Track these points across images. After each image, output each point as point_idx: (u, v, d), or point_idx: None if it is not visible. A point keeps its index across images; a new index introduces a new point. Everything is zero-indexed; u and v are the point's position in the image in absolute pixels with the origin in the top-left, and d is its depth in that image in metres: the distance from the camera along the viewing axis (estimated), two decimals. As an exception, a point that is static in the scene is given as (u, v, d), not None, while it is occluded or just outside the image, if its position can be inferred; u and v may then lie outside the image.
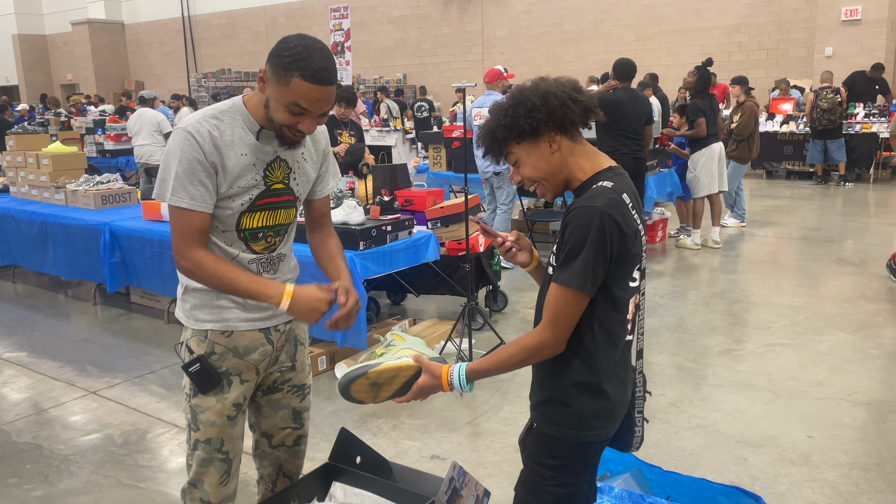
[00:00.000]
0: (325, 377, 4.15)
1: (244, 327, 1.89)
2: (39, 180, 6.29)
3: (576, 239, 1.53)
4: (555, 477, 1.67)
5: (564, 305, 1.56)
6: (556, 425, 1.65)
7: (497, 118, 1.65)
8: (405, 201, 4.86)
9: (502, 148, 1.66)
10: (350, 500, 2.08)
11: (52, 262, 5.79)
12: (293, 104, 1.69)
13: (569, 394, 1.63)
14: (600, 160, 1.67)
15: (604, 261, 1.53)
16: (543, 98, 1.60)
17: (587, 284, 1.53)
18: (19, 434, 3.57)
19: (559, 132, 1.62)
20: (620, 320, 1.64)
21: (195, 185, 1.75)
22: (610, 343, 1.63)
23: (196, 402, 1.89)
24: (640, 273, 1.66)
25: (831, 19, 12.95)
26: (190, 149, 1.73)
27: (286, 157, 1.88)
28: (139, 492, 3.01)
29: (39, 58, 26.77)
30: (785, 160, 11.81)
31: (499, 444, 3.30)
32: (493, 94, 6.51)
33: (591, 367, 1.61)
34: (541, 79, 1.67)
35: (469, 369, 1.66)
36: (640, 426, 1.77)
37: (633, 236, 1.57)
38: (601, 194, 1.55)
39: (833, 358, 4.20)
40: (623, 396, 1.69)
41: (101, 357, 4.60)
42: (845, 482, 2.90)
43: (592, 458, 1.71)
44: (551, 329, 1.58)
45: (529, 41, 17.23)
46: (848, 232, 7.64)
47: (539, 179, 1.67)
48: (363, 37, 19.54)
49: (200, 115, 1.79)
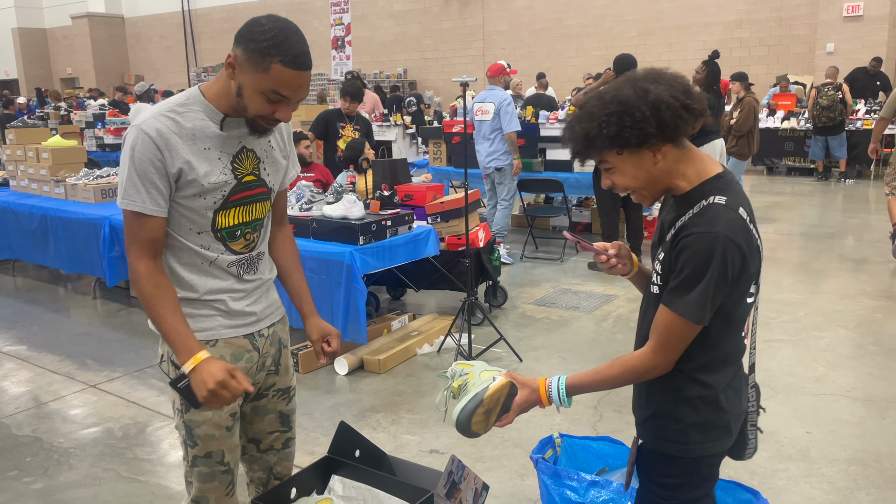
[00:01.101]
0: (324, 372, 4.16)
1: (229, 335, 1.80)
2: (39, 174, 6.28)
3: (694, 267, 1.43)
4: (674, 495, 1.61)
5: (677, 333, 1.48)
6: (669, 442, 1.59)
7: (597, 124, 1.47)
8: (405, 196, 4.86)
9: (597, 155, 1.53)
10: (349, 493, 2.08)
11: (53, 256, 5.79)
12: (272, 92, 1.59)
13: (678, 408, 1.56)
14: (706, 167, 1.53)
15: (724, 288, 1.45)
16: (654, 108, 1.44)
17: (704, 316, 1.46)
18: (19, 427, 3.57)
19: (666, 143, 1.49)
20: (735, 336, 1.56)
21: (148, 187, 1.63)
22: (723, 360, 1.55)
23: (190, 418, 1.79)
24: (755, 287, 1.55)
25: (833, 15, 12.92)
26: (142, 148, 1.61)
27: (252, 146, 1.76)
28: (139, 485, 3.01)
29: (39, 51, 26.71)
30: (785, 156, 11.81)
31: (498, 438, 3.31)
32: (495, 88, 6.50)
33: (703, 383, 1.55)
34: (648, 79, 1.49)
35: (568, 384, 1.60)
36: (753, 438, 1.70)
37: (754, 254, 1.48)
38: (719, 216, 1.43)
39: (832, 354, 4.20)
40: (738, 408, 1.61)
41: (101, 351, 4.61)
42: (843, 478, 2.91)
43: (710, 469, 1.63)
44: (662, 354, 1.51)
45: (530, 36, 17.20)
46: (848, 229, 7.63)
47: (636, 189, 1.55)
48: (363, 31, 19.50)
49: (156, 111, 1.66)
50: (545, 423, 3.43)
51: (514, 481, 2.95)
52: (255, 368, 1.87)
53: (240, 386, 1.62)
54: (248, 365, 1.85)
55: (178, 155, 1.64)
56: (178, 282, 1.76)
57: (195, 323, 1.76)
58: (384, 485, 2.05)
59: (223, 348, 1.80)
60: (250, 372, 1.86)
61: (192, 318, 1.76)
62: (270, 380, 1.95)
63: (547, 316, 5.05)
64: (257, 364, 1.88)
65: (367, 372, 4.15)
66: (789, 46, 14.09)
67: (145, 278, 1.67)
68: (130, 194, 1.64)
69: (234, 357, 1.81)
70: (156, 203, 1.65)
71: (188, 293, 1.77)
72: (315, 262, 4.08)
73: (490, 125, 6.40)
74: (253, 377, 1.88)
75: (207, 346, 1.77)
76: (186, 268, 1.76)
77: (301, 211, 4.44)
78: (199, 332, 1.76)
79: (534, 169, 7.11)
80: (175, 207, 1.70)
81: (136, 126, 1.64)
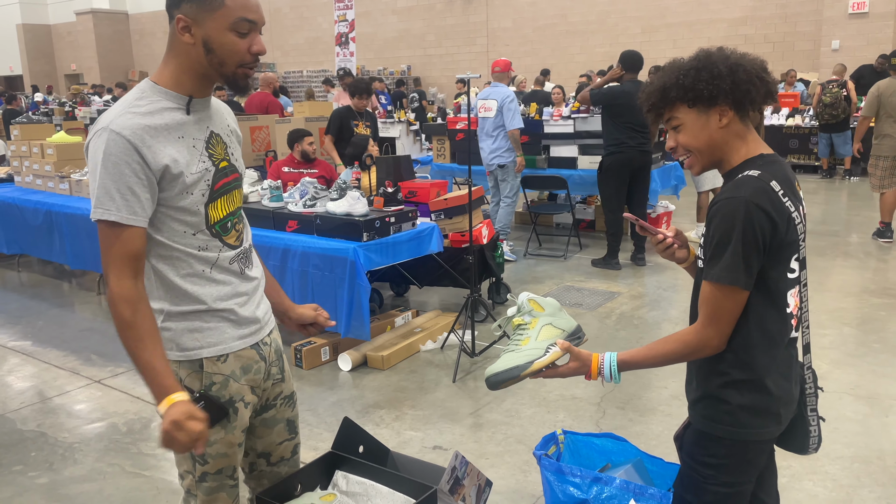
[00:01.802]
0: (329, 368, 4.17)
1: (238, 346, 1.72)
2: (44, 170, 6.30)
3: (722, 232, 1.48)
4: (715, 476, 1.62)
5: (721, 301, 1.50)
6: (714, 422, 1.60)
7: (675, 76, 1.56)
8: (409, 193, 4.86)
9: (670, 107, 1.59)
10: (353, 488, 2.08)
11: (59, 252, 5.81)
12: (240, 20, 1.54)
13: (725, 390, 1.57)
14: (757, 146, 1.59)
15: (756, 252, 1.47)
16: (732, 69, 1.52)
17: (740, 277, 1.48)
18: (24, 422, 3.59)
19: (734, 108, 1.54)
20: (779, 315, 1.56)
21: (124, 193, 1.50)
22: (768, 339, 1.55)
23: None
24: (798, 263, 1.56)
25: (838, 12, 12.87)
26: (116, 150, 1.49)
27: (218, 130, 1.69)
28: (143, 479, 3.03)
29: (43, 47, 26.76)
30: (790, 154, 11.78)
31: (501, 435, 3.32)
32: (499, 85, 6.48)
33: (747, 364, 1.55)
34: (730, 50, 1.58)
35: (620, 360, 1.62)
36: (815, 425, 1.68)
37: (786, 223, 1.50)
38: (746, 184, 1.49)
39: (836, 352, 4.20)
40: (788, 394, 1.60)
41: (106, 346, 4.62)
42: (846, 475, 2.91)
43: (755, 456, 1.63)
44: (713, 327, 1.52)
45: (534, 33, 17.17)
46: (852, 226, 7.62)
47: (695, 150, 1.59)
48: (367, 28, 19.49)
49: (121, 109, 1.54)
50: (548, 420, 3.44)
51: (517, 477, 2.96)
52: (262, 379, 1.81)
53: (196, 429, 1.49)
54: (257, 376, 1.79)
55: (159, 150, 1.54)
56: (182, 296, 1.65)
57: (205, 337, 1.68)
58: (388, 480, 2.06)
59: (233, 362, 1.73)
60: (258, 382, 1.80)
61: (202, 331, 1.68)
62: (277, 388, 1.89)
63: (550, 313, 5.04)
64: (264, 374, 1.82)
65: (370, 368, 4.15)
66: (794, 43, 14.05)
67: (124, 303, 1.52)
68: (103, 202, 1.50)
69: (244, 369, 1.75)
70: (132, 211, 1.51)
71: (196, 306, 1.67)
72: (319, 259, 4.09)
73: (493, 122, 6.40)
74: (260, 388, 1.82)
75: (218, 362, 1.70)
76: (188, 279, 1.66)
77: (305, 207, 4.44)
78: (209, 348, 1.69)
79: (537, 166, 7.11)
80: (165, 213, 1.59)
81: (103, 129, 1.51)
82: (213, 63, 1.57)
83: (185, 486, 1.81)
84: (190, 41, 1.56)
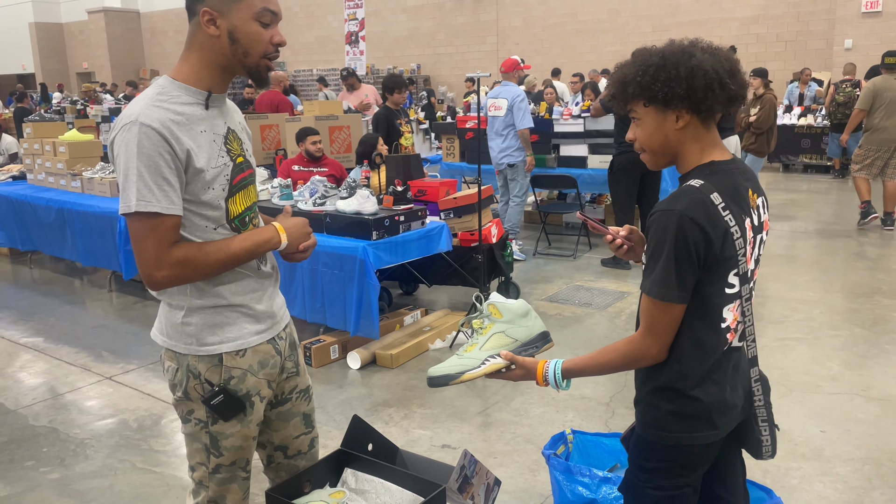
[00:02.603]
0: (338, 366, 4.18)
1: (256, 341, 1.76)
2: (56, 168, 6.35)
3: (655, 245, 1.46)
4: (651, 479, 1.62)
5: (656, 314, 1.49)
6: (647, 427, 1.61)
7: (636, 71, 1.52)
8: (418, 191, 4.86)
9: (628, 102, 1.57)
10: (362, 486, 2.09)
11: (71, 249, 5.86)
12: (264, 10, 1.60)
13: (654, 396, 1.59)
14: (711, 152, 1.54)
15: (690, 266, 1.45)
16: (690, 73, 1.46)
17: (672, 293, 1.46)
18: (36, 418, 3.62)
19: (692, 112, 1.50)
20: (713, 329, 1.53)
21: (161, 184, 1.53)
22: (699, 350, 1.53)
23: (217, 430, 1.75)
24: (739, 278, 1.52)
25: (851, 11, 12.78)
26: (149, 143, 1.51)
27: (234, 127, 1.73)
28: (153, 476, 3.04)
29: (56, 46, 26.94)
30: (802, 153, 11.70)
31: (509, 434, 3.31)
32: (508, 84, 6.48)
33: (677, 372, 1.54)
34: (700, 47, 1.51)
35: (564, 367, 1.62)
36: (767, 434, 1.65)
37: (722, 239, 1.46)
38: (683, 195, 1.46)
39: (847, 353, 4.17)
40: (722, 402, 1.57)
41: (117, 343, 4.65)
42: (857, 477, 2.89)
43: (691, 461, 1.61)
44: (651, 336, 1.52)
45: (544, 31, 17.13)
46: (865, 227, 7.56)
47: (648, 148, 1.57)
48: (377, 27, 19.50)
49: (145, 103, 1.57)
50: (557, 420, 3.43)
51: (526, 476, 2.96)
52: (277, 373, 1.85)
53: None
54: (273, 370, 1.82)
55: (182, 140, 1.57)
56: (203, 290, 1.69)
57: (224, 332, 1.72)
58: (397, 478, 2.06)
59: (251, 357, 1.76)
60: (274, 376, 1.84)
61: (221, 327, 1.71)
62: (292, 382, 1.93)
63: (559, 312, 5.04)
64: (279, 368, 1.86)
65: (379, 367, 4.16)
66: (807, 42, 13.96)
67: (189, 250, 1.58)
68: (144, 195, 1.52)
69: (262, 364, 1.78)
70: (170, 200, 1.55)
71: (216, 300, 1.70)
72: (328, 257, 4.10)
73: (503, 121, 6.38)
74: (276, 382, 1.86)
75: (237, 356, 1.74)
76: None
77: (314, 206, 4.45)
78: (228, 343, 1.72)
79: (547, 165, 7.09)
80: (188, 208, 1.62)
81: (132, 122, 1.53)
82: (238, 53, 1.62)
83: (195, 478, 1.83)
84: (215, 33, 1.60)
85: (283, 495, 1.96)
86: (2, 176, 7.10)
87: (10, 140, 8.64)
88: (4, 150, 8.45)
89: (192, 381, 1.72)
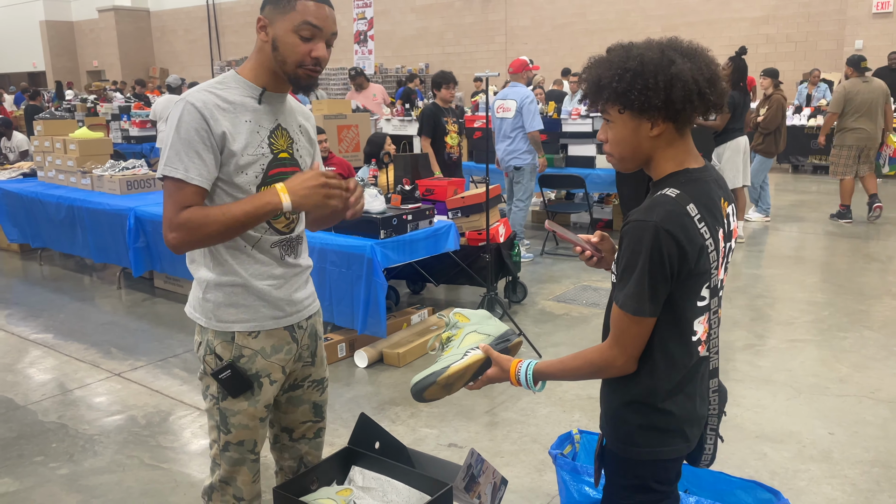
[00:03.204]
0: (345, 364, 4.19)
1: (271, 325, 1.84)
2: (66, 165, 6.38)
3: (629, 257, 1.42)
4: (630, 495, 1.60)
5: (627, 327, 1.46)
6: (620, 443, 1.58)
7: (612, 75, 1.45)
8: (426, 191, 4.86)
9: (602, 106, 1.51)
10: (369, 483, 2.10)
11: (81, 246, 5.89)
12: (304, 25, 1.68)
13: (624, 410, 1.55)
14: (686, 159, 1.50)
15: (664, 279, 1.41)
16: (669, 82, 1.40)
17: (644, 307, 1.42)
18: (45, 414, 3.64)
19: (668, 121, 1.45)
20: (683, 341, 1.50)
21: (191, 156, 1.67)
22: (670, 363, 1.50)
23: (226, 406, 1.84)
24: (710, 290, 1.49)
25: (862, 11, 12.71)
26: (189, 118, 1.67)
27: (287, 125, 1.84)
28: (162, 472, 3.06)
29: (66, 44, 27.09)
30: (811, 154, 11.64)
31: (516, 433, 3.31)
32: (517, 85, 6.41)
33: (648, 387, 1.51)
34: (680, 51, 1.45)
35: (536, 369, 1.60)
36: (711, 443, 1.64)
37: (698, 253, 1.42)
38: (659, 206, 1.41)
39: (856, 355, 4.15)
40: (692, 414, 1.56)
41: (125, 340, 4.68)
42: (866, 480, 2.87)
43: (664, 474, 1.60)
44: (618, 348, 1.48)
45: (553, 31, 17.11)
46: (874, 228, 7.52)
47: (617, 154, 1.53)
48: (385, 26, 19.52)
49: (201, 87, 1.75)
50: (564, 420, 3.43)
51: (532, 476, 2.96)
52: (292, 360, 1.93)
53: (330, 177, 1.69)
54: (287, 356, 1.90)
55: (220, 123, 1.70)
56: (224, 266, 1.79)
57: (239, 313, 1.81)
58: (404, 477, 2.07)
59: (264, 339, 1.84)
60: (288, 363, 1.91)
61: (237, 307, 1.80)
62: (306, 371, 2.00)
63: (567, 312, 5.03)
64: (295, 356, 1.93)
65: (386, 365, 4.17)
66: (817, 43, 13.88)
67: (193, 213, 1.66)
68: (172, 162, 1.67)
69: (275, 349, 1.86)
70: (197, 171, 1.67)
71: (234, 278, 1.79)
72: (336, 256, 4.11)
73: (512, 123, 6.32)
74: (290, 368, 1.93)
75: (250, 337, 1.82)
76: (231, 251, 1.79)
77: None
78: (242, 323, 1.81)
79: (555, 165, 7.08)
80: (220, 187, 1.73)
81: (181, 100, 1.70)
82: (278, 60, 1.74)
83: (211, 456, 1.93)
84: (265, 39, 1.74)
85: (290, 492, 1.97)
86: (12, 173, 7.15)
87: (21, 137, 8.70)
88: (15, 147, 8.51)
89: (209, 356, 1.83)
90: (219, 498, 1.93)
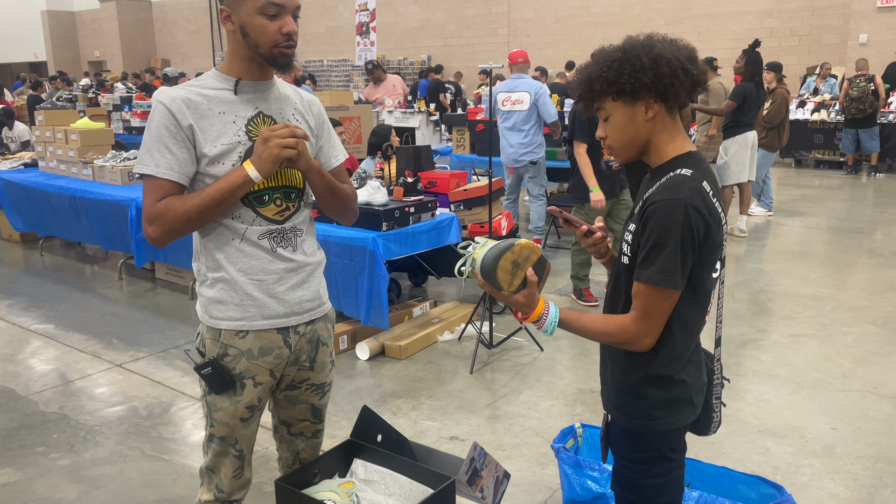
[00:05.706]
0: (347, 356, 4.18)
1: (262, 326, 1.79)
2: (68, 155, 6.36)
3: (659, 234, 1.47)
4: (648, 469, 1.63)
5: (655, 302, 1.50)
6: (636, 418, 1.61)
7: (600, 68, 1.55)
8: (428, 183, 4.85)
9: (596, 100, 1.59)
10: (371, 476, 2.09)
11: (89, 234, 5.89)
12: (268, 4, 1.67)
13: (644, 386, 1.59)
14: (683, 143, 1.59)
15: (693, 253, 1.48)
16: (654, 61, 1.50)
17: (674, 280, 1.48)
18: (46, 404, 3.64)
19: (659, 101, 1.54)
20: (700, 311, 1.59)
21: (161, 151, 1.69)
22: (688, 335, 1.58)
23: (210, 400, 1.84)
24: (720, 262, 1.60)
25: (867, 5, 12.63)
26: (158, 115, 1.70)
27: (270, 112, 1.80)
28: (163, 463, 3.06)
29: (67, 34, 27.00)
30: (815, 149, 11.60)
31: (518, 427, 3.31)
32: (524, 77, 6.27)
33: (667, 359, 1.57)
34: (657, 38, 1.56)
35: (562, 317, 1.58)
36: (717, 412, 1.72)
37: (717, 225, 1.52)
38: (682, 184, 1.48)
39: (859, 350, 4.14)
40: (699, 381, 1.64)
41: (127, 331, 4.67)
42: (868, 475, 2.87)
43: (677, 443, 1.65)
44: (648, 323, 1.52)
45: (556, 24, 17.03)
46: (878, 223, 7.50)
47: (618, 143, 1.60)
48: (388, 17, 19.44)
49: (180, 85, 1.78)
50: (566, 413, 3.42)
51: (534, 469, 2.95)
52: (283, 364, 1.86)
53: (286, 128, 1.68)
54: (277, 361, 1.84)
55: (187, 116, 1.71)
56: (213, 261, 1.78)
57: (227, 310, 1.78)
58: (406, 470, 2.06)
59: (252, 340, 1.79)
60: (278, 367, 1.85)
61: (225, 304, 1.78)
62: (303, 374, 1.94)
63: (569, 306, 5.02)
64: (287, 360, 1.87)
65: (388, 357, 4.16)
66: (821, 37, 13.81)
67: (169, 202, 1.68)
68: (144, 159, 1.72)
69: (263, 351, 1.80)
70: (168, 166, 1.69)
71: (221, 273, 1.78)
72: (339, 248, 4.09)
73: (525, 115, 6.14)
74: (280, 371, 1.87)
75: (237, 336, 1.79)
76: (218, 246, 1.77)
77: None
78: (230, 321, 1.78)
79: (559, 157, 7.05)
80: (201, 179, 1.74)
81: (153, 99, 1.75)
82: (250, 46, 1.73)
83: (203, 441, 1.94)
84: (231, 28, 1.74)
85: (292, 485, 1.97)
86: (14, 163, 7.13)
87: (23, 128, 8.67)
88: (17, 137, 8.48)
89: (196, 353, 1.86)
90: (206, 483, 1.94)
